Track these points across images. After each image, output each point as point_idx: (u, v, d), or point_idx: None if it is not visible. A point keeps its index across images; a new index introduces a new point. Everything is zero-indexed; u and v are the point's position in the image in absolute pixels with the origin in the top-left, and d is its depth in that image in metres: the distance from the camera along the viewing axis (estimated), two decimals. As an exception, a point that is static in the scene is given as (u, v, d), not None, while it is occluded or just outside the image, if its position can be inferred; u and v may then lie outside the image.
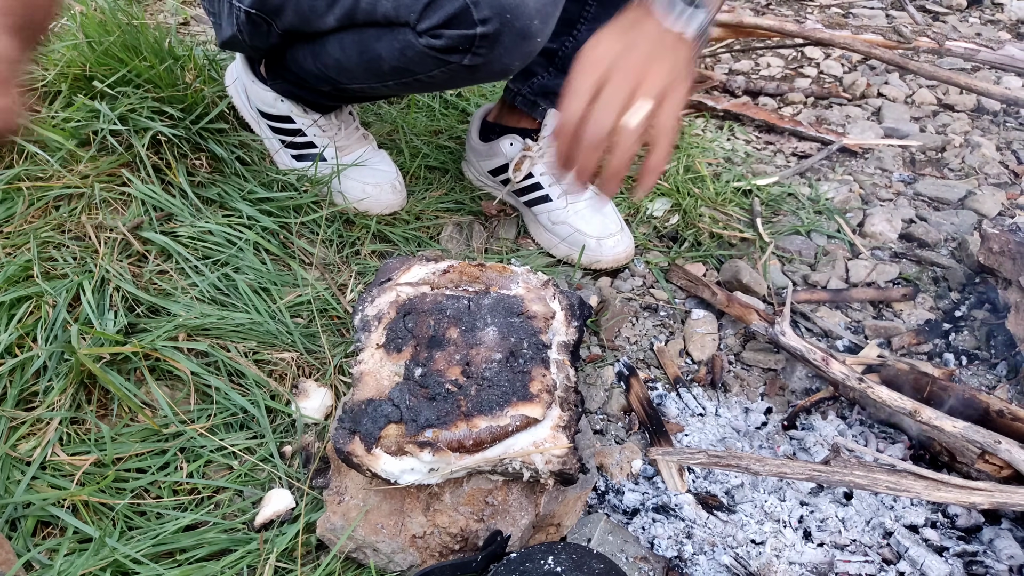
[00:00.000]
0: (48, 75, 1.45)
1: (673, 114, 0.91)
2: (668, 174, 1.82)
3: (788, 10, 3.17)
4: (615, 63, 0.89)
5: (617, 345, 1.41)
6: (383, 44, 1.18)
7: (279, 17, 1.23)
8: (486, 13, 1.05)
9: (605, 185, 0.95)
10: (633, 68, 0.89)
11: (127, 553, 0.93)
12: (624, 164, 0.91)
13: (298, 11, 1.20)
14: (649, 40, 0.92)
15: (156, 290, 1.25)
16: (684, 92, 0.93)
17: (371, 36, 1.19)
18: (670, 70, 0.91)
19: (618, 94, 0.89)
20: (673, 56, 0.92)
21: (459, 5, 1.05)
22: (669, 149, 0.93)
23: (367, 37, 1.20)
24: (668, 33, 0.93)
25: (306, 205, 1.46)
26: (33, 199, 1.31)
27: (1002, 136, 2.25)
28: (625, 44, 0.91)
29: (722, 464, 0.99)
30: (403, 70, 1.21)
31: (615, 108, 0.89)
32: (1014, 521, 1.10)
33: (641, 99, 0.89)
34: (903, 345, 1.43)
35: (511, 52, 1.12)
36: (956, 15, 3.21)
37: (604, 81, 0.89)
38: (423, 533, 0.95)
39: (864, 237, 1.76)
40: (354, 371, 1.03)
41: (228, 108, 1.55)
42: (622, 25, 0.94)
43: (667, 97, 0.90)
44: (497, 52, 1.11)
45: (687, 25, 0.93)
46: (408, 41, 1.14)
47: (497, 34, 1.08)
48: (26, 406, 1.09)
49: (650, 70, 0.89)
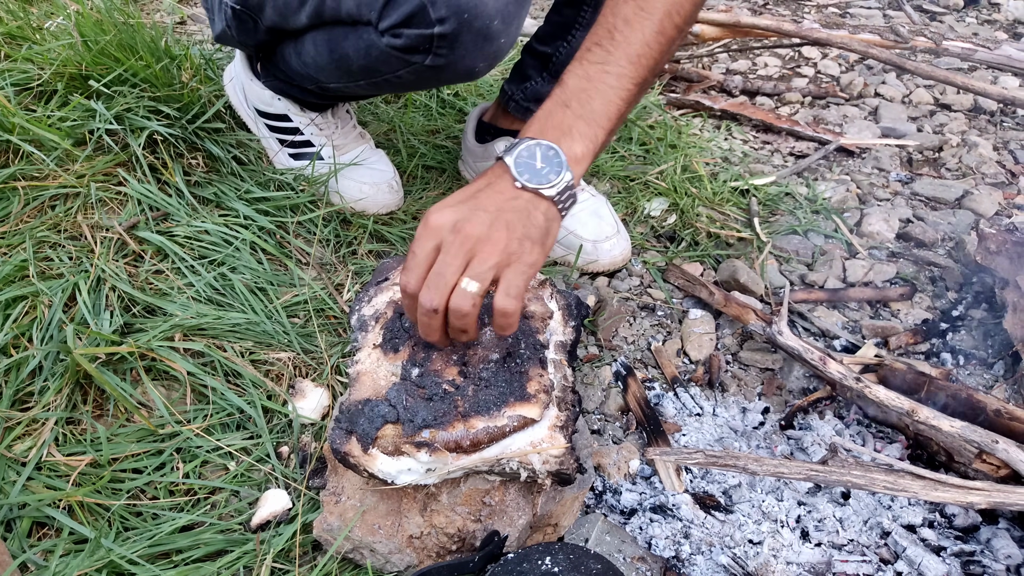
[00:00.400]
0: (44, 74, 1.45)
1: (511, 286, 0.85)
2: (665, 174, 1.82)
3: (785, 10, 3.17)
4: (450, 233, 0.85)
5: (614, 345, 1.41)
6: (350, 43, 1.19)
7: (261, 13, 1.24)
8: (443, 12, 1.04)
9: (456, 338, 0.92)
10: (465, 241, 0.84)
11: (123, 554, 0.93)
12: (464, 332, 0.88)
13: (275, 7, 1.22)
14: (494, 206, 0.87)
15: (152, 290, 1.25)
16: (531, 259, 0.86)
17: (339, 35, 1.20)
18: (513, 239, 0.85)
19: (447, 268, 0.84)
20: (521, 221, 0.87)
21: (416, 4, 1.04)
22: (506, 319, 0.86)
23: (336, 36, 1.21)
24: (519, 195, 0.89)
25: (303, 205, 1.46)
26: (29, 198, 1.31)
27: (999, 136, 2.25)
28: (466, 211, 0.86)
29: (719, 464, 0.99)
30: (371, 69, 1.22)
31: (444, 285, 0.84)
32: (1011, 521, 1.10)
33: (466, 279, 0.84)
34: (900, 345, 1.43)
35: (473, 53, 1.11)
36: (953, 15, 3.21)
37: (439, 250, 0.85)
38: (420, 533, 0.95)
39: (861, 237, 1.76)
40: (351, 371, 1.02)
41: (225, 107, 1.54)
42: (474, 187, 0.91)
43: (505, 269, 0.85)
44: (458, 53, 1.10)
45: (544, 185, 0.89)
46: (372, 40, 1.14)
47: (456, 34, 1.07)
48: (21, 406, 1.08)
49: (484, 243, 0.84)
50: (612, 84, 0.94)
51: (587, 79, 0.94)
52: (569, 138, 0.92)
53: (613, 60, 0.94)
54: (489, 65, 1.17)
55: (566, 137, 0.92)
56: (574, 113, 0.93)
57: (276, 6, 1.21)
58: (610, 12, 0.96)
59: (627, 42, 0.94)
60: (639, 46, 0.94)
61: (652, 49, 0.94)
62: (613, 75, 0.94)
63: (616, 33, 0.94)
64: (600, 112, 0.93)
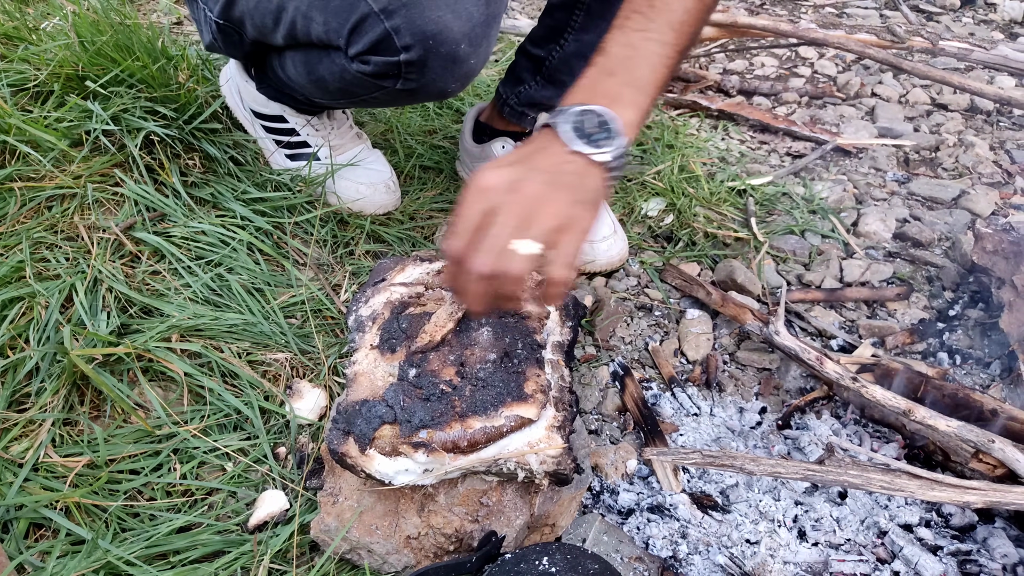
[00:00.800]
0: (40, 75, 1.45)
1: (568, 254, 0.82)
2: (663, 174, 1.82)
3: (782, 10, 3.18)
4: (506, 194, 0.81)
5: (612, 345, 1.41)
6: (324, 66, 1.19)
7: (244, 28, 1.25)
8: (408, 40, 1.03)
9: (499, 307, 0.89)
10: (524, 201, 0.81)
11: (120, 555, 0.93)
12: (511, 299, 0.84)
13: (254, 25, 1.22)
14: (549, 168, 0.84)
15: (149, 291, 1.25)
16: (586, 225, 0.83)
17: (314, 58, 1.20)
18: (569, 203, 0.82)
19: (504, 230, 0.80)
20: (576, 185, 0.84)
21: (380, 32, 1.04)
22: (562, 288, 0.83)
23: (311, 58, 1.21)
24: (573, 159, 0.85)
25: (300, 205, 1.46)
26: (25, 199, 1.31)
27: (995, 136, 2.25)
28: (522, 172, 0.83)
29: (717, 464, 0.99)
30: (346, 91, 1.22)
31: (498, 246, 0.79)
32: (1008, 520, 1.11)
33: (527, 240, 0.79)
34: (897, 344, 1.43)
35: (443, 77, 1.10)
36: (949, 15, 3.22)
37: (492, 213, 0.81)
38: (418, 534, 0.95)
39: (858, 236, 1.76)
40: (348, 372, 1.02)
41: (221, 108, 1.54)
42: (525, 150, 0.88)
43: (562, 234, 0.81)
44: (428, 77, 1.10)
45: (598, 150, 0.86)
46: (343, 65, 1.14)
47: (423, 60, 1.06)
48: (18, 407, 1.08)
49: (544, 204, 0.81)
50: (656, 51, 0.91)
51: (630, 46, 0.91)
52: (620, 104, 0.88)
53: (655, 27, 0.91)
54: (462, 85, 1.16)
55: (616, 104, 0.88)
56: (620, 80, 0.90)
57: (254, 24, 1.21)
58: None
59: (668, 8, 0.91)
60: (680, 13, 0.92)
61: (692, 16, 0.92)
62: (656, 42, 0.91)
63: (656, 1, 0.91)
64: (646, 79, 0.90)
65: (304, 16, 1.10)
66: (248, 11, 1.19)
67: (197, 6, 1.30)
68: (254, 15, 1.19)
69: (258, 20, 1.19)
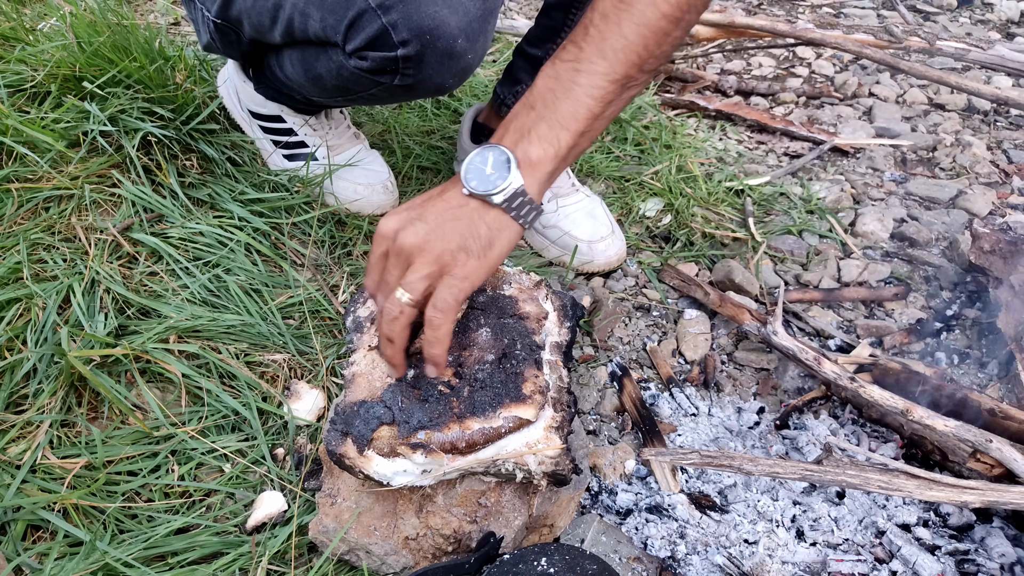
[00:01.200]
0: (37, 75, 1.44)
1: (440, 299, 0.85)
2: (660, 174, 1.82)
3: (779, 10, 3.18)
4: (393, 241, 0.87)
5: (610, 345, 1.41)
6: (321, 63, 1.19)
7: (241, 28, 1.25)
8: (405, 35, 1.04)
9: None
10: (404, 249, 0.85)
11: (118, 557, 0.93)
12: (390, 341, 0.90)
13: (251, 24, 1.22)
14: (439, 213, 0.87)
15: (147, 292, 1.25)
16: (466, 271, 0.85)
17: (311, 55, 1.21)
18: (450, 250, 0.85)
19: (390, 276, 0.87)
20: (464, 231, 0.86)
21: (378, 28, 1.04)
22: (432, 337, 0.87)
23: (308, 56, 1.21)
24: (468, 202, 0.87)
25: (298, 206, 1.45)
26: (22, 200, 1.30)
27: (993, 135, 2.26)
28: (411, 218, 0.87)
29: (715, 464, 0.99)
30: (343, 88, 1.22)
31: (388, 291, 0.88)
32: (1005, 519, 1.11)
33: (400, 288, 0.85)
34: (895, 344, 1.44)
35: (440, 72, 1.11)
36: (946, 15, 3.22)
37: (386, 257, 0.88)
38: (416, 535, 0.95)
39: (856, 236, 1.77)
40: (346, 372, 1.02)
41: (219, 109, 1.54)
42: (429, 193, 0.91)
43: (439, 281, 0.85)
44: (426, 72, 1.10)
45: (492, 191, 0.86)
46: (340, 62, 1.14)
47: (420, 55, 1.06)
48: (16, 409, 1.08)
49: (422, 252, 0.84)
50: (582, 83, 0.88)
51: (556, 79, 0.89)
52: (526, 141, 0.88)
53: (585, 57, 0.88)
54: (459, 80, 1.17)
55: (523, 140, 0.88)
56: (537, 115, 0.89)
57: (252, 23, 1.21)
58: (589, 8, 0.90)
59: (601, 37, 0.87)
60: (615, 40, 0.87)
61: (633, 43, 0.87)
62: (584, 72, 0.88)
63: (591, 28, 0.88)
64: (566, 113, 0.88)
65: (301, 13, 1.11)
66: (245, 10, 1.19)
67: (194, 6, 1.30)
68: (251, 14, 1.19)
69: (255, 19, 1.19)
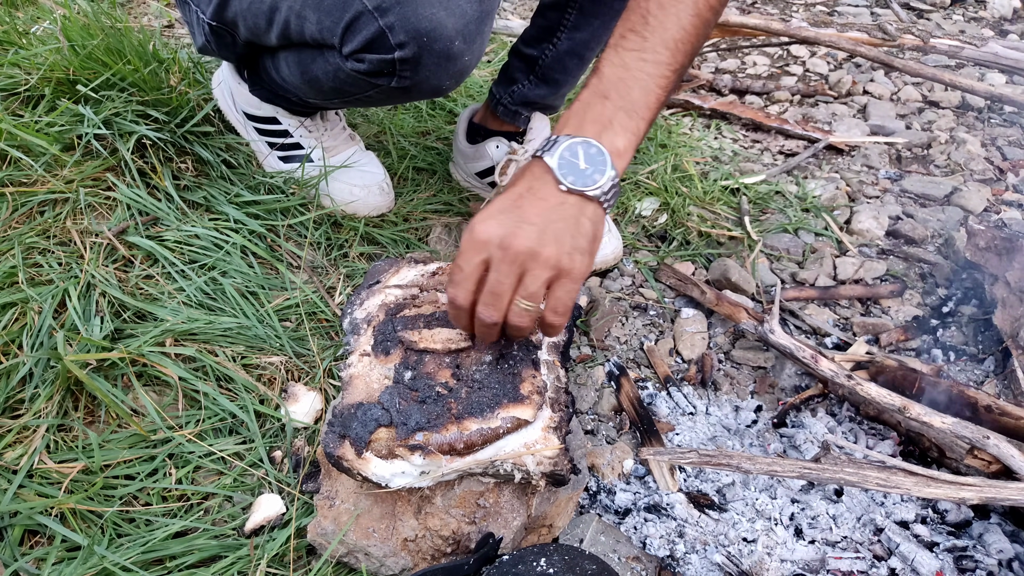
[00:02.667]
0: (31, 79, 1.44)
1: (560, 302, 0.86)
2: (656, 173, 1.82)
3: (774, 9, 3.18)
4: (499, 249, 0.84)
5: (607, 345, 1.41)
6: (318, 66, 1.19)
7: (237, 30, 1.25)
8: (402, 37, 1.04)
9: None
10: (516, 258, 0.83)
11: (116, 561, 0.92)
12: (522, 335, 0.91)
13: (246, 26, 1.22)
14: (540, 215, 0.85)
15: (143, 295, 1.24)
16: (579, 272, 0.85)
17: (307, 57, 1.21)
18: (560, 254, 0.84)
19: (502, 287, 0.85)
20: (570, 231, 0.85)
21: (375, 30, 1.04)
22: (556, 331, 0.90)
23: (305, 58, 1.21)
24: (566, 199, 0.86)
25: (293, 208, 1.45)
26: (17, 204, 1.30)
27: (987, 132, 2.26)
28: (515, 220, 0.84)
29: (713, 463, 0.99)
30: (340, 91, 1.23)
31: (501, 302, 0.86)
32: (1003, 515, 1.11)
33: (520, 300, 0.85)
34: (891, 341, 1.44)
35: (437, 74, 1.11)
36: (940, 12, 3.23)
37: (488, 265, 0.85)
38: (415, 536, 0.95)
39: (851, 234, 1.77)
40: (343, 375, 1.02)
41: (213, 111, 1.54)
42: (517, 190, 0.88)
43: (556, 284, 0.85)
44: (423, 74, 1.10)
45: (592, 186, 0.86)
46: (337, 64, 1.14)
47: (417, 57, 1.06)
48: (12, 414, 1.07)
49: (536, 259, 0.83)
50: (650, 72, 0.90)
51: (624, 68, 0.90)
52: (611, 132, 0.88)
53: (650, 47, 0.90)
54: (456, 82, 1.17)
55: (607, 131, 0.88)
56: (614, 104, 0.89)
57: (247, 25, 1.21)
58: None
59: (663, 27, 0.90)
60: (675, 31, 0.90)
61: (689, 33, 0.91)
62: (651, 63, 0.90)
63: (650, 18, 0.90)
64: (640, 102, 0.90)
65: (297, 16, 1.10)
66: (241, 12, 1.19)
67: (189, 8, 1.29)
68: (247, 16, 1.19)
69: (251, 21, 1.19)
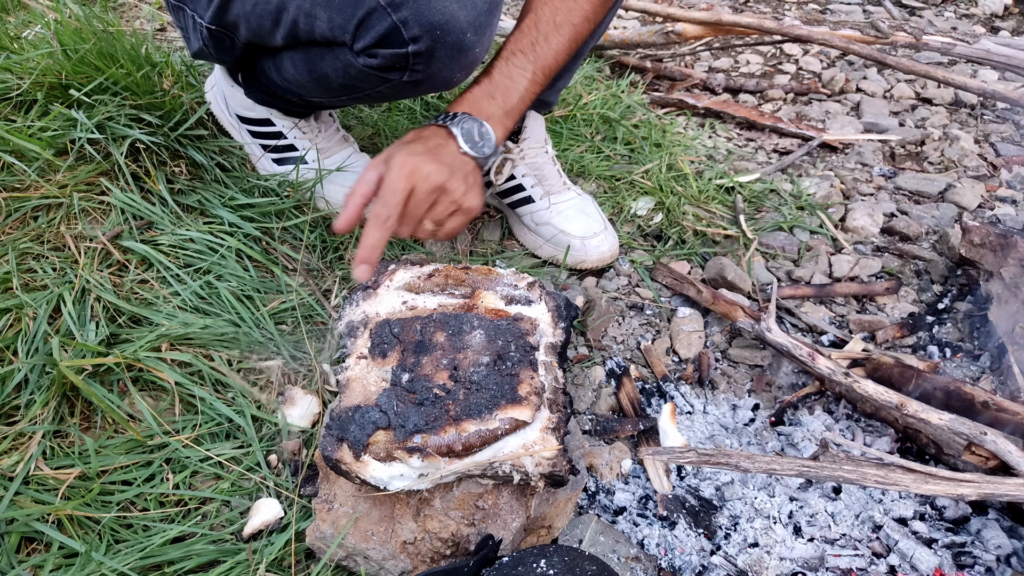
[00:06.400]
0: (23, 84, 1.43)
1: (455, 229, 1.16)
2: (651, 173, 1.82)
3: (766, 7, 3.19)
4: (423, 181, 1.08)
5: (604, 345, 1.41)
6: (327, 63, 1.20)
7: (237, 32, 1.24)
8: (416, 31, 1.05)
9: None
10: (436, 186, 1.09)
11: (114, 567, 0.92)
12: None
13: (249, 29, 1.22)
14: (450, 163, 1.13)
15: (138, 300, 1.24)
16: (475, 204, 1.16)
17: (316, 55, 1.21)
18: (463, 190, 1.13)
19: (419, 210, 1.09)
20: (468, 175, 1.15)
21: (388, 25, 1.05)
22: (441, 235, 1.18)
23: (313, 56, 1.22)
24: (463, 158, 1.16)
25: (288, 210, 1.45)
26: (10, 210, 1.29)
27: (980, 129, 2.27)
28: (433, 162, 1.10)
29: (712, 462, 0.99)
30: (350, 87, 1.24)
31: (413, 221, 1.11)
32: (1000, 511, 1.11)
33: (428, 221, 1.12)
34: (887, 339, 1.44)
35: (449, 66, 1.13)
36: (932, 10, 3.24)
37: (412, 192, 1.07)
38: (414, 539, 0.95)
39: (846, 232, 1.77)
40: (341, 377, 1.02)
41: (207, 114, 1.53)
42: (430, 143, 1.14)
43: (456, 213, 1.14)
44: (435, 67, 1.12)
45: (481, 156, 1.17)
46: (348, 60, 1.15)
47: (431, 51, 1.08)
48: (7, 420, 1.07)
49: (449, 190, 1.11)
50: (527, 87, 1.23)
51: (510, 78, 1.22)
52: (493, 122, 1.20)
53: (531, 69, 1.22)
54: (467, 73, 1.19)
55: (490, 120, 1.19)
56: (497, 104, 1.21)
57: (251, 27, 1.21)
58: (533, 25, 1.23)
59: (543, 56, 1.23)
60: (551, 60, 1.24)
61: (560, 60, 1.26)
62: (528, 80, 1.22)
63: (536, 47, 1.22)
64: (514, 107, 1.22)
65: (307, 15, 1.11)
66: (244, 14, 1.18)
67: (184, 13, 1.29)
68: (251, 18, 1.18)
69: (255, 23, 1.19)
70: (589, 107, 2.05)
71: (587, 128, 1.99)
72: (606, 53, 2.62)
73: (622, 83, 2.25)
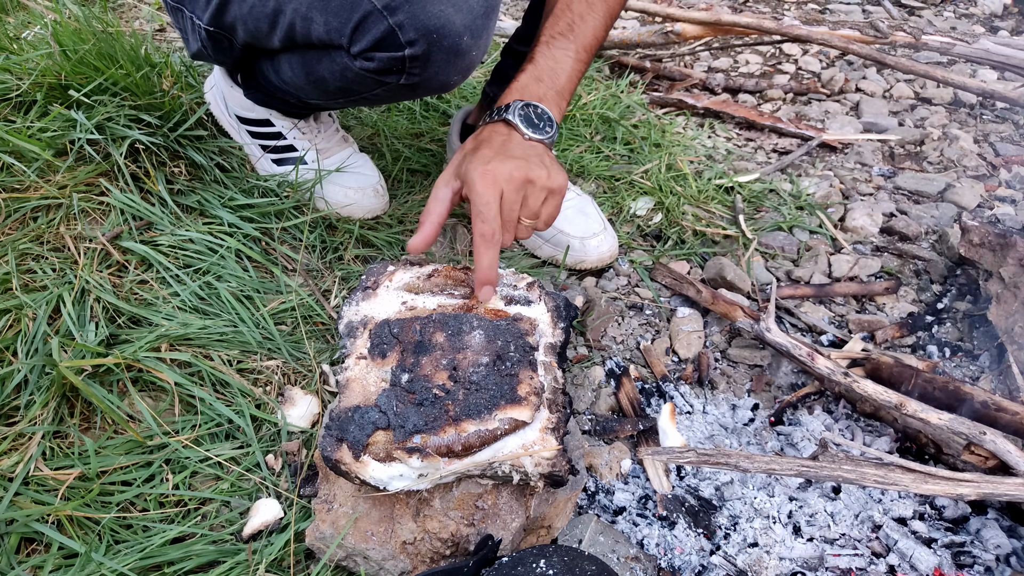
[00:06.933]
0: (22, 84, 1.43)
1: (552, 215, 1.15)
2: (650, 173, 1.82)
3: (766, 7, 3.19)
4: (509, 179, 1.07)
5: (603, 345, 1.41)
6: (324, 66, 1.20)
7: (235, 34, 1.24)
8: (412, 35, 1.06)
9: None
10: (522, 182, 1.08)
11: (114, 568, 0.92)
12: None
13: (247, 31, 1.22)
14: (522, 155, 1.11)
15: (137, 300, 1.24)
16: (561, 182, 1.13)
17: (313, 58, 1.21)
18: (546, 173, 1.11)
19: (512, 212, 1.09)
20: (544, 158, 1.14)
21: (384, 28, 1.05)
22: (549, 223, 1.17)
23: (310, 59, 1.22)
24: (532, 144, 1.15)
25: (288, 211, 1.45)
26: (10, 211, 1.29)
27: (979, 128, 2.27)
28: (507, 160, 1.09)
29: (711, 462, 0.99)
30: (346, 90, 1.24)
31: (511, 225, 1.10)
32: (1000, 511, 1.11)
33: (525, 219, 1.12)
34: (887, 338, 1.44)
35: (446, 69, 1.13)
36: (931, 9, 3.24)
37: (502, 196, 1.07)
38: (413, 539, 0.95)
39: (846, 232, 1.77)
40: (340, 378, 1.02)
41: (206, 115, 1.53)
42: (494, 142, 1.13)
43: (549, 198, 1.13)
44: (431, 71, 1.12)
45: (545, 136, 1.16)
46: (345, 63, 1.15)
47: (427, 54, 1.09)
48: (7, 421, 1.07)
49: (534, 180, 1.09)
50: (572, 66, 1.23)
51: (554, 60, 1.22)
52: (547, 103, 1.19)
53: (573, 48, 1.22)
54: (463, 77, 1.19)
55: (544, 102, 1.19)
56: (546, 86, 1.20)
57: (248, 29, 1.21)
58: (566, 7, 1.23)
59: (583, 35, 1.23)
60: (591, 38, 1.24)
61: (599, 37, 1.26)
62: (572, 59, 1.22)
63: (575, 27, 1.23)
64: (564, 87, 1.22)
65: (303, 18, 1.11)
66: (241, 16, 1.19)
67: (183, 15, 1.29)
68: (248, 20, 1.19)
69: (252, 25, 1.19)
70: (588, 107, 2.05)
71: (586, 128, 1.99)
72: (605, 53, 2.62)
73: (621, 83, 2.26)
